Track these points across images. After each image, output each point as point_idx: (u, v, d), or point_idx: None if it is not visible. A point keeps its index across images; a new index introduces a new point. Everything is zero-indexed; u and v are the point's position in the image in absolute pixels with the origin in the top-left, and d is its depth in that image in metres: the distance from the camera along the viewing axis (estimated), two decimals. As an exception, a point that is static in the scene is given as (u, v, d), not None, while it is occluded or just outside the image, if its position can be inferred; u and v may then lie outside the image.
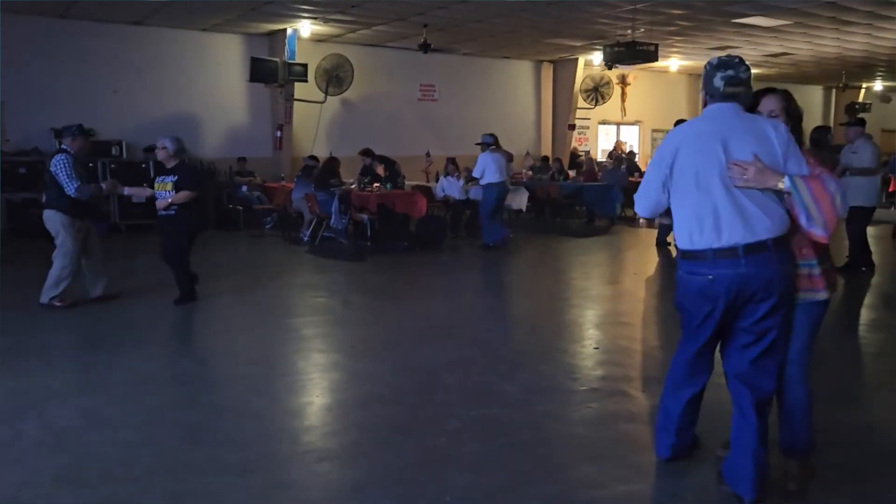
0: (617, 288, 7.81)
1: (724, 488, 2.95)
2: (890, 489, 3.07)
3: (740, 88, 2.81)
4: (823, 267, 2.89)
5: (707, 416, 3.28)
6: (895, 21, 11.77)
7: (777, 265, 2.75)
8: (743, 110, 2.84)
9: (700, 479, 3.10)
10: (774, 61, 16.40)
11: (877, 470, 3.22)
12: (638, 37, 12.65)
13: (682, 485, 3.08)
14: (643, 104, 18.57)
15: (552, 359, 4.88)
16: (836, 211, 2.73)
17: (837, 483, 3.07)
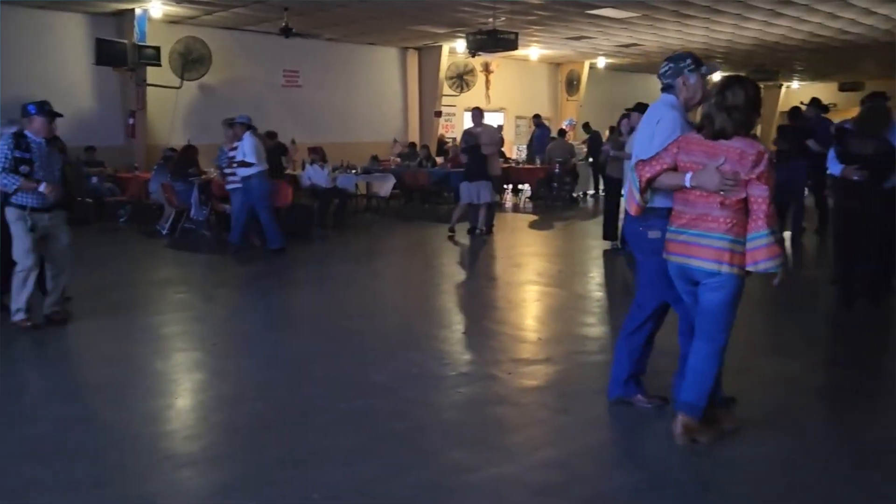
0: (486, 272, 7.97)
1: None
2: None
3: (662, 82, 3.46)
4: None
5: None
6: (729, 15, 12.70)
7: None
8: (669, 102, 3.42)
9: (565, 457, 3.22)
10: (626, 51, 17.27)
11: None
12: (499, 25, 12.91)
13: (552, 466, 3.17)
14: (507, 91, 19.00)
15: (422, 346, 4.90)
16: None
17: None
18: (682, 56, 3.46)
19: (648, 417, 3.62)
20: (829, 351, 5.12)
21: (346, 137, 15.30)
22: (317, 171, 11.21)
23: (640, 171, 3.23)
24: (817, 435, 3.51)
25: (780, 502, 2.85)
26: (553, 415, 3.71)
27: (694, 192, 3.09)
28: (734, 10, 12.32)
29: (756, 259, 2.99)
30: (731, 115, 3.02)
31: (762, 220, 2.96)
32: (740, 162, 2.98)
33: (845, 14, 12.43)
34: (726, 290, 3.07)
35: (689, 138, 3.19)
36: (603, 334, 5.32)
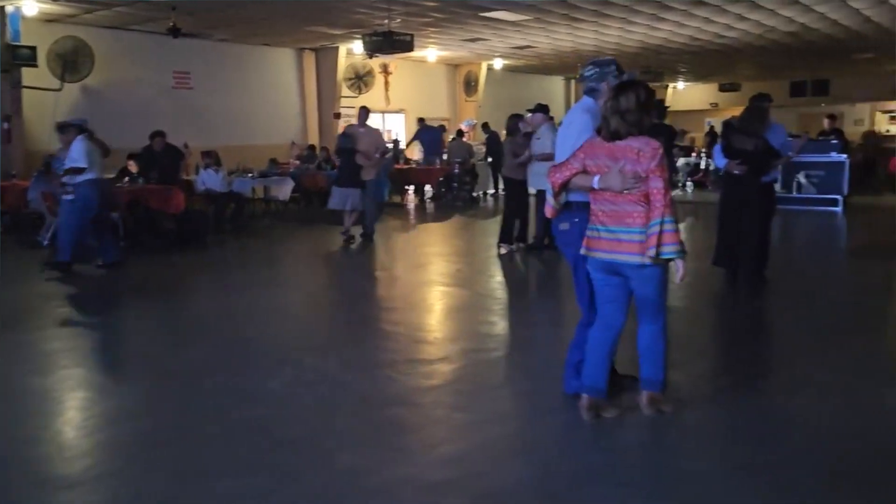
0: (384, 274, 7.98)
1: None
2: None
3: (584, 85, 3.69)
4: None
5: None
6: (615, 19, 13.23)
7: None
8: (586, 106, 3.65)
9: (460, 454, 3.28)
10: (521, 53, 17.68)
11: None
12: (395, 27, 12.94)
13: (447, 463, 3.22)
14: (406, 93, 19.06)
15: (318, 350, 4.86)
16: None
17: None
18: (608, 62, 3.69)
19: (545, 410, 3.74)
20: (724, 321, 5.43)
21: (242, 140, 14.93)
22: (211, 176, 10.90)
23: (552, 176, 3.46)
24: (707, 419, 3.71)
25: (669, 488, 3.00)
26: (449, 413, 3.76)
27: (607, 191, 3.32)
28: (620, 14, 12.84)
29: (653, 244, 3.23)
30: (625, 118, 3.28)
31: (660, 209, 3.23)
32: (638, 160, 3.26)
33: (720, 19, 13.19)
34: (656, 278, 3.38)
35: (592, 142, 3.41)
36: (500, 331, 5.44)
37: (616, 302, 3.49)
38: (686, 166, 16.25)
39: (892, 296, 6.49)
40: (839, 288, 6.85)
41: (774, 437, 3.45)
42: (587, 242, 3.45)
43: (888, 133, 24.15)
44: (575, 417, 3.63)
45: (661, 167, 3.26)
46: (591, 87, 3.66)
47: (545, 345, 4.95)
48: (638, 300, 3.49)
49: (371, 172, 9.44)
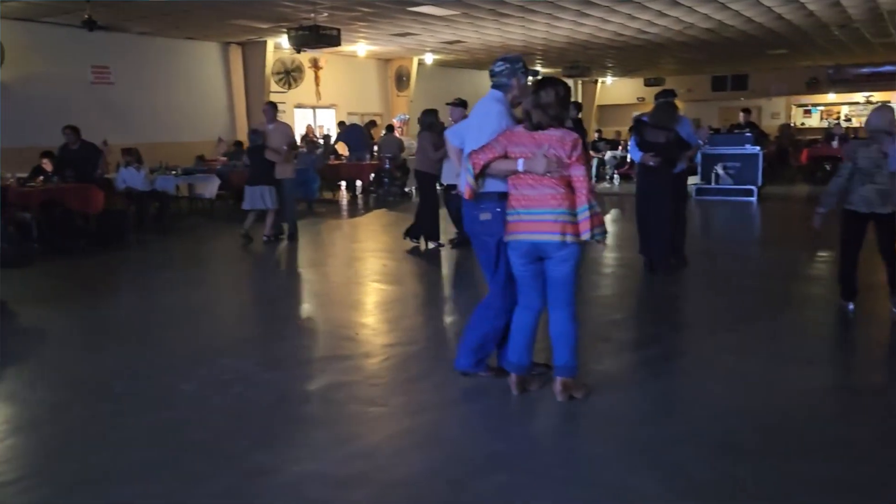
0: (309, 271, 7.93)
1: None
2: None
3: (493, 79, 3.86)
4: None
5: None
6: (542, 15, 13.42)
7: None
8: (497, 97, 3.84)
9: (370, 448, 3.31)
10: (451, 48, 17.75)
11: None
12: (322, 21, 12.83)
13: (356, 457, 3.24)
14: (337, 88, 18.90)
15: (235, 350, 4.81)
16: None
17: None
18: (517, 59, 3.91)
19: (458, 400, 3.81)
20: (645, 299, 5.61)
21: (167, 137, 14.55)
22: (132, 174, 10.61)
23: (473, 158, 3.63)
24: (614, 402, 3.84)
25: (573, 472, 3.09)
26: (363, 408, 3.79)
27: (528, 176, 3.54)
28: (545, 10, 13.03)
29: (585, 229, 3.52)
30: (546, 112, 3.53)
31: (584, 195, 3.52)
32: (561, 147, 3.51)
33: (642, 16, 13.53)
34: (573, 260, 3.58)
35: (514, 131, 3.64)
36: (420, 326, 5.49)
37: (536, 287, 3.70)
38: (613, 159, 16.66)
39: (798, 281, 6.80)
40: (750, 274, 7.15)
41: (675, 416, 3.61)
42: (508, 228, 3.63)
43: (803, 126, 25.28)
44: (486, 406, 3.72)
45: (581, 156, 3.53)
46: (502, 82, 3.85)
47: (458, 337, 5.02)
48: (551, 284, 3.66)
49: (287, 170, 9.11)
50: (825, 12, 13.46)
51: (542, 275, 3.68)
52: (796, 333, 5.03)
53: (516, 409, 3.69)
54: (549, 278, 3.65)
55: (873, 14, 13.70)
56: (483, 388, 3.93)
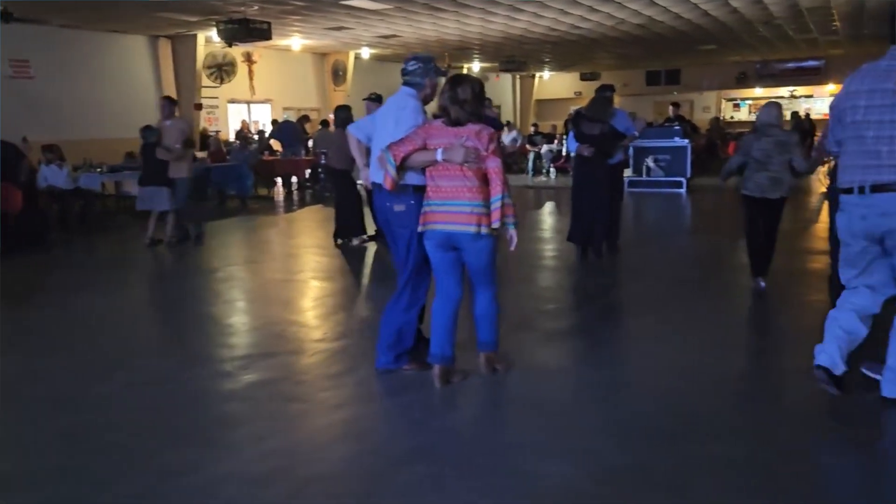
0: (235, 269, 7.78)
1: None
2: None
3: (406, 77, 3.97)
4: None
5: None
6: (475, 9, 13.47)
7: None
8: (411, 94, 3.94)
9: (289, 444, 3.27)
10: (387, 43, 17.66)
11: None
12: (253, 14, 12.60)
13: (275, 455, 3.20)
14: (272, 82, 18.60)
15: (154, 351, 4.71)
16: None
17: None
18: (429, 59, 4.04)
19: (381, 394, 3.80)
20: (576, 289, 5.69)
21: (92, 133, 14.07)
22: (54, 172, 10.24)
23: (394, 150, 3.71)
24: (536, 391, 3.88)
25: (491, 462, 3.11)
26: (283, 404, 3.74)
27: (446, 169, 3.64)
28: (479, 5, 13.09)
29: (497, 217, 3.62)
30: (463, 107, 3.66)
31: (499, 186, 3.63)
32: (479, 139, 3.63)
33: (574, 11, 13.72)
34: (488, 249, 3.71)
35: (432, 125, 3.76)
36: (346, 321, 5.45)
37: (453, 275, 3.82)
38: (549, 153, 16.86)
39: (721, 269, 7.01)
40: (676, 262, 7.36)
41: (597, 404, 3.68)
42: (424, 218, 3.73)
43: (732, 119, 26.10)
44: (409, 400, 3.72)
45: (497, 149, 3.68)
46: (416, 81, 3.97)
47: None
48: (472, 271, 3.82)
49: (181, 169, 8.45)
50: (748, 9, 13.90)
51: (460, 263, 3.79)
52: (716, 319, 5.18)
53: (439, 402, 3.70)
54: (469, 267, 3.80)
55: (794, 11, 14.22)
56: (407, 382, 3.92)
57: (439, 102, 3.78)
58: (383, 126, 3.94)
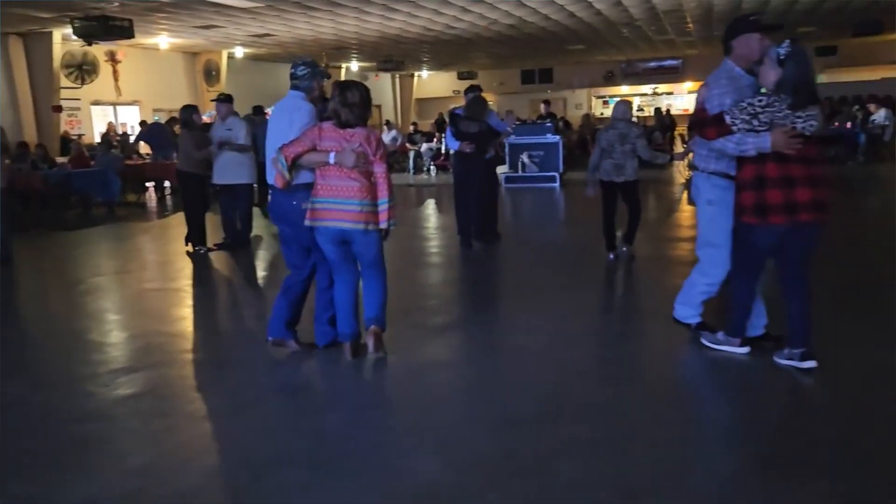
0: (95, 281, 7.39)
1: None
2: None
3: (295, 81, 4.23)
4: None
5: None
6: (350, 9, 13.42)
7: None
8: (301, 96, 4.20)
9: (149, 462, 3.15)
10: (261, 42, 17.27)
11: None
12: (113, 11, 11.99)
13: (133, 474, 3.07)
14: (140, 83, 17.77)
15: (5, 372, 4.38)
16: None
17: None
18: (315, 63, 4.36)
19: (247, 404, 3.72)
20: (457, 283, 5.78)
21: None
22: None
23: (285, 151, 3.94)
24: (407, 388, 3.93)
25: (358, 464, 3.12)
26: (146, 420, 3.59)
27: (336, 168, 3.90)
28: (353, 4, 13.04)
29: (384, 219, 4.02)
30: (353, 111, 3.93)
31: (385, 190, 4.00)
32: (368, 144, 3.95)
33: (447, 11, 13.94)
34: (376, 243, 4.10)
35: (323, 127, 3.98)
36: (211, 330, 5.32)
37: (348, 262, 4.16)
38: (429, 151, 17.04)
39: (588, 259, 7.31)
40: (552, 253, 7.64)
41: (467, 395, 3.77)
42: (313, 214, 3.97)
43: (602, 116, 27.33)
44: (277, 407, 3.68)
45: (384, 153, 4.05)
46: (305, 84, 4.24)
47: (253, 339, 4.92)
48: (363, 262, 4.17)
49: None
50: (611, 11, 14.62)
51: (351, 254, 4.13)
52: (584, 307, 5.39)
53: (308, 406, 3.67)
54: (360, 258, 4.14)
55: (651, 13, 15.08)
56: (275, 389, 3.88)
57: (330, 106, 4.02)
58: (277, 128, 4.20)
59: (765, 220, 3.64)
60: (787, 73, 3.55)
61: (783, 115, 3.56)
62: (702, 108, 3.87)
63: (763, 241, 3.73)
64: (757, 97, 3.64)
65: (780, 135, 3.53)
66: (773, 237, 3.69)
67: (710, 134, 3.72)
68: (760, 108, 3.57)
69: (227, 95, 8.02)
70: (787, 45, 3.58)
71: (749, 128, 3.59)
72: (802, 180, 3.60)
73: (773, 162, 3.59)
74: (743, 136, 3.61)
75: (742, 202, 3.72)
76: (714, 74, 3.96)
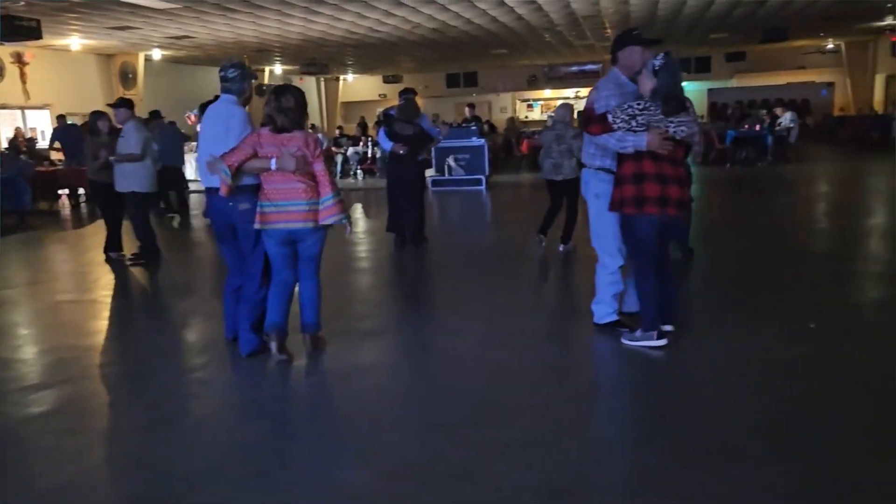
0: (17, 293, 7.03)
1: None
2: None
3: (226, 84, 4.35)
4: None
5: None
6: (271, 11, 13.17)
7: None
8: (233, 100, 4.35)
9: (67, 480, 3.01)
10: (180, 44, 16.76)
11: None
12: (18, 10, 11.41)
13: (49, 495, 2.93)
14: (50, 86, 16.95)
15: None
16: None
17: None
18: (244, 64, 4.45)
19: (162, 419, 3.60)
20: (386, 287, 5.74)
21: None
22: None
23: (227, 160, 4.02)
24: (329, 395, 3.88)
25: (278, 475, 3.07)
26: (57, 440, 3.42)
27: (279, 174, 4.03)
28: (274, 6, 12.80)
29: (330, 214, 4.12)
30: (288, 115, 4.05)
31: (328, 187, 4.13)
32: (307, 147, 4.08)
33: (370, 14, 13.86)
34: (321, 241, 4.25)
35: (261, 133, 4.09)
36: (129, 342, 5.13)
37: (290, 266, 4.28)
38: (356, 155, 16.92)
39: (515, 260, 7.40)
40: (480, 255, 7.70)
41: (395, 401, 3.75)
42: (262, 218, 4.11)
43: (527, 119, 27.80)
44: (195, 421, 3.58)
45: (322, 153, 4.19)
46: (237, 87, 4.35)
47: (172, 351, 4.79)
48: (303, 259, 4.27)
49: None
50: (532, 16, 14.86)
51: (294, 254, 4.27)
52: (513, 308, 5.40)
53: (231, 419, 3.59)
54: (301, 257, 4.26)
55: (571, 19, 15.41)
56: (195, 401, 3.78)
57: (265, 111, 4.12)
58: (212, 133, 4.29)
59: (641, 211, 4.06)
60: (660, 83, 4.00)
61: (658, 119, 3.99)
62: (591, 108, 4.28)
63: (644, 229, 4.12)
64: (637, 102, 4.05)
65: (655, 136, 3.97)
66: (651, 226, 4.11)
67: (595, 130, 4.17)
68: (639, 111, 4.00)
69: (124, 100, 7.68)
70: (661, 58, 4.04)
71: (628, 127, 4.01)
72: (672, 179, 4.07)
73: (649, 160, 4.03)
74: (623, 135, 4.04)
75: (623, 194, 4.13)
76: (604, 80, 4.42)
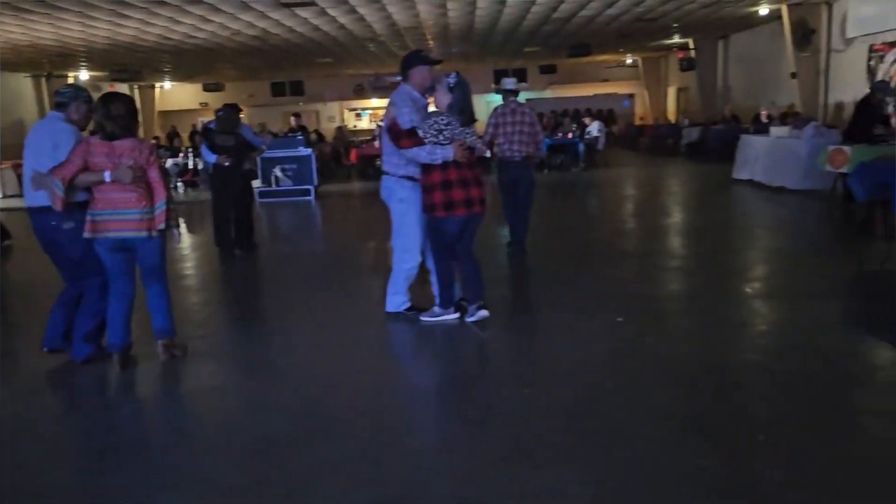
0: None
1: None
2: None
3: (57, 100, 4.38)
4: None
5: None
6: (74, 13, 12.21)
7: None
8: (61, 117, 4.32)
9: None
10: (-35, 46, 15.08)
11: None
12: None
13: None
14: None
15: None
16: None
17: None
18: (82, 88, 4.55)
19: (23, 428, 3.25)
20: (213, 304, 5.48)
21: None
22: None
23: (59, 174, 3.96)
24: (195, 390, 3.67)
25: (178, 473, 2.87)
26: None
27: (112, 183, 4.00)
28: (76, 9, 11.88)
29: (162, 220, 4.16)
30: (118, 123, 4.04)
31: (161, 193, 4.15)
32: (139, 155, 4.08)
33: (185, 20, 13.25)
34: (159, 250, 4.26)
35: (90, 142, 4.06)
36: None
37: (127, 275, 4.25)
38: (175, 167, 16.08)
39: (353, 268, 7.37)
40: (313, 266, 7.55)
41: (217, 427, 3.63)
42: (94, 227, 4.06)
43: (356, 128, 27.86)
44: (66, 429, 3.30)
45: (156, 160, 4.21)
46: (64, 102, 4.36)
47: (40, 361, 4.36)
48: (144, 269, 4.29)
49: None
50: (354, 26, 14.93)
51: (132, 263, 4.24)
52: (351, 319, 5.37)
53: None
54: (142, 265, 4.26)
55: (393, 30, 15.67)
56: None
57: (95, 118, 4.14)
58: (38, 148, 4.22)
59: (452, 213, 4.66)
60: (455, 99, 4.65)
61: (459, 132, 4.62)
62: (395, 123, 4.70)
63: (452, 229, 4.75)
64: (441, 117, 4.60)
65: (458, 147, 4.57)
66: (457, 225, 4.74)
67: (406, 144, 4.60)
68: (444, 126, 4.57)
69: None
70: (455, 77, 4.65)
71: (436, 141, 4.56)
72: (472, 181, 4.72)
73: (453, 168, 4.62)
74: (433, 148, 4.57)
75: (433, 200, 4.66)
76: (399, 96, 4.84)
